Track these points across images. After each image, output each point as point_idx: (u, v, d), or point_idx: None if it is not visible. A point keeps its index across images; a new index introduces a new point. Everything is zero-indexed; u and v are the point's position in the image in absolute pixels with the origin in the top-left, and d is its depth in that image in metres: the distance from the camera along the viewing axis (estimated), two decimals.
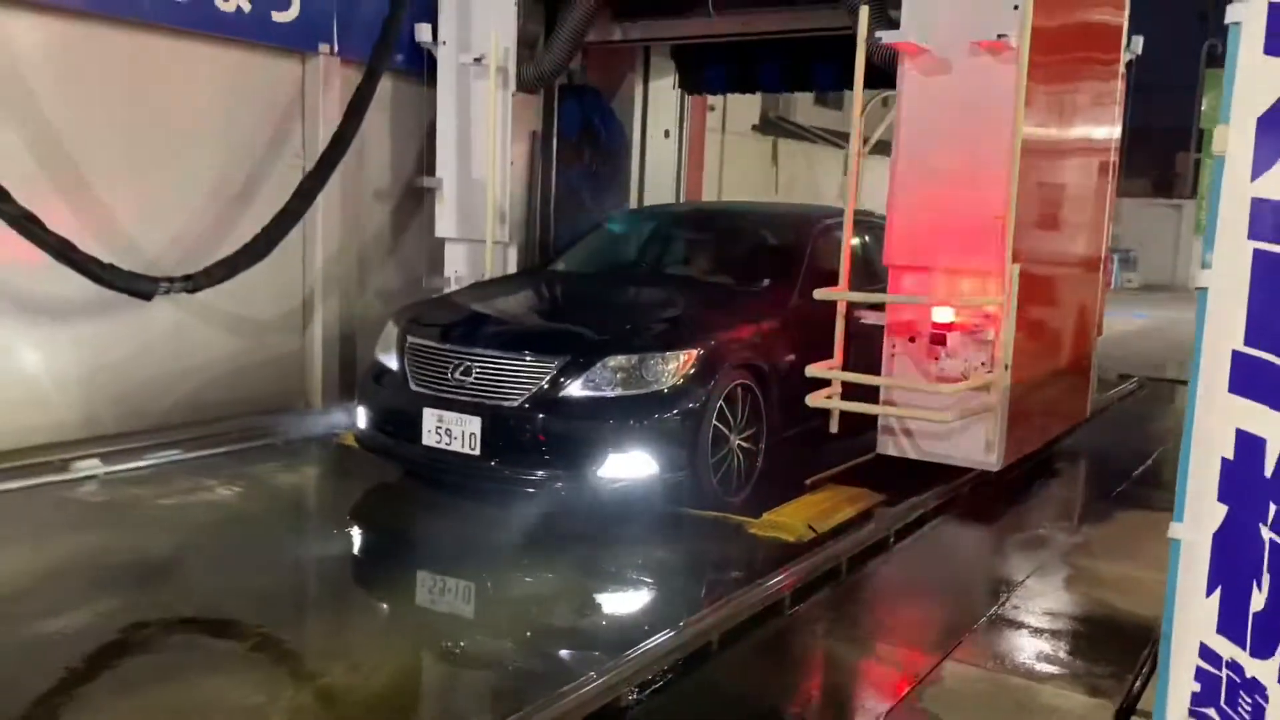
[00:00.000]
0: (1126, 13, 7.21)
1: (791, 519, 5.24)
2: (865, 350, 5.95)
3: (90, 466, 5.71)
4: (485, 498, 5.43)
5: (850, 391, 5.82)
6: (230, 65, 6.95)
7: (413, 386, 5.53)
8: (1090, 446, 7.75)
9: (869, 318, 5.98)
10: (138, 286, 6.05)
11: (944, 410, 5.60)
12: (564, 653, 3.90)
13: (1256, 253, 2.05)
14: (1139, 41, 7.53)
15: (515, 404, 5.21)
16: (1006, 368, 5.69)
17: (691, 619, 3.89)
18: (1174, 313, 20.25)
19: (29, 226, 5.43)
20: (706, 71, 9.31)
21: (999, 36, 5.43)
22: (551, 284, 6.91)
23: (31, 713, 3.26)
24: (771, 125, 17.45)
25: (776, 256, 6.72)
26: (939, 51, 5.63)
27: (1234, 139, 2.07)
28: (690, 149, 9.95)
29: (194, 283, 6.31)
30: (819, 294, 5.74)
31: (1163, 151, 39.15)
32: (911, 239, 5.76)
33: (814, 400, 5.71)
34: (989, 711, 3.44)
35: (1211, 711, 2.24)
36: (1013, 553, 5.23)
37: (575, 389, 5.19)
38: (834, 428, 5.91)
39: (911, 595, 4.64)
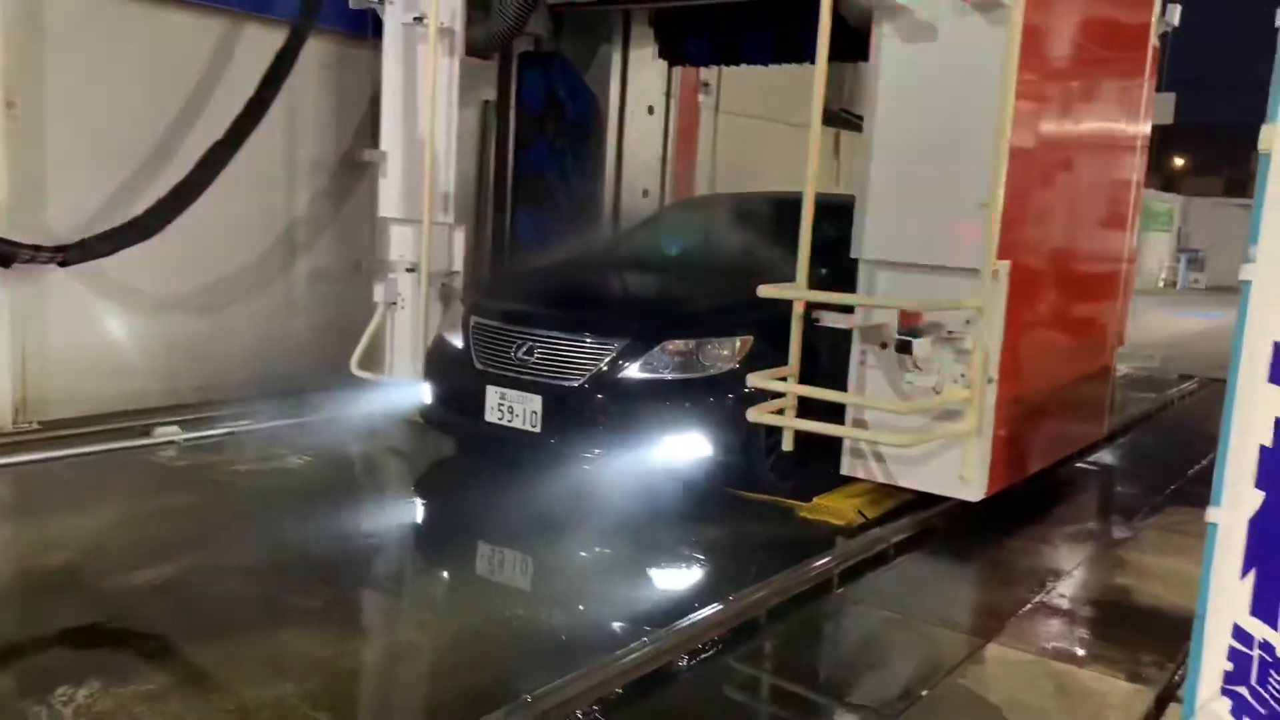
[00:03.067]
0: None
1: (841, 504, 5.34)
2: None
3: (170, 433, 6.00)
4: (544, 474, 5.60)
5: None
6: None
7: (476, 365, 5.72)
8: (1147, 445, 7.74)
9: (827, 320, 5.38)
10: None
11: (906, 432, 4.94)
12: (617, 622, 4.05)
13: None
14: (1175, 11, 6.55)
15: (575, 384, 5.37)
16: (991, 382, 4.99)
17: (741, 594, 4.02)
18: None
19: None
20: (688, 41, 8.38)
21: None
22: (613, 267, 7.04)
23: (117, 658, 3.50)
24: (834, 117, 17.39)
25: (833, 245, 6.75)
26: (922, 11, 4.95)
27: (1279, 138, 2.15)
28: (680, 128, 9.04)
29: (65, 255, 5.88)
30: (763, 291, 5.06)
31: (1236, 150, 38.21)
32: (885, 229, 5.14)
33: (756, 416, 5.03)
34: (1029, 692, 3.53)
35: (1243, 690, 2.32)
36: (1061, 544, 5.28)
37: (633, 371, 5.33)
38: (787, 445, 5.22)
39: (957, 580, 4.73)
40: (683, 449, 5.25)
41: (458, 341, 5.95)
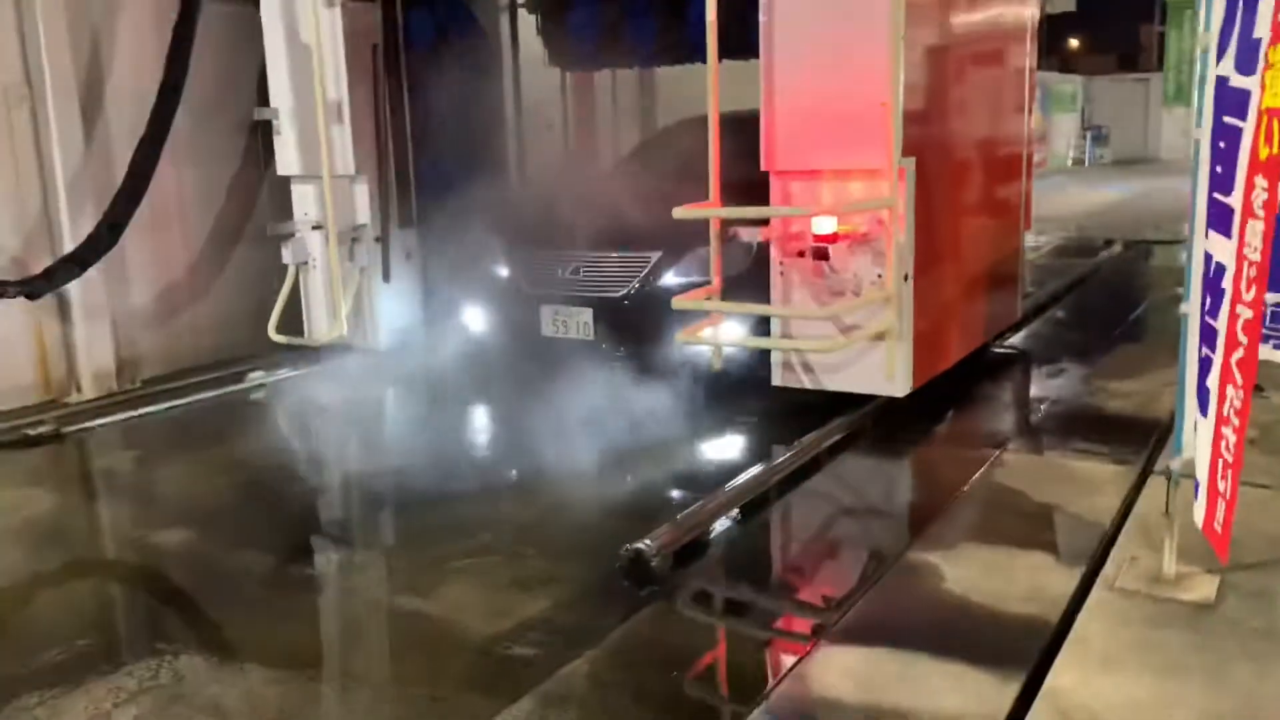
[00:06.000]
0: None
1: None
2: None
3: (258, 377, 6.79)
4: (599, 376, 6.42)
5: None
6: None
7: (527, 288, 6.53)
8: (1090, 302, 8.93)
9: (744, 233, 5.54)
10: None
11: (828, 339, 5.09)
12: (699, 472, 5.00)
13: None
14: None
15: (620, 294, 6.23)
16: (906, 278, 5.08)
17: (803, 440, 5.02)
18: (1148, 184, 21.18)
19: None
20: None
21: None
22: (631, 187, 7.03)
23: (342, 533, 4.37)
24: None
25: None
26: None
27: (1213, 41, 3.13)
28: None
29: (32, 286, 5.93)
30: (678, 212, 5.10)
31: (1127, 26, 39.75)
32: (791, 139, 5.08)
33: (684, 337, 5.31)
34: (1043, 479, 4.60)
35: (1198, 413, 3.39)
36: (1048, 379, 6.40)
37: (671, 277, 6.21)
38: (716, 365, 5.46)
39: (969, 412, 5.81)
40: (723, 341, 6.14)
41: (504, 271, 6.73)
